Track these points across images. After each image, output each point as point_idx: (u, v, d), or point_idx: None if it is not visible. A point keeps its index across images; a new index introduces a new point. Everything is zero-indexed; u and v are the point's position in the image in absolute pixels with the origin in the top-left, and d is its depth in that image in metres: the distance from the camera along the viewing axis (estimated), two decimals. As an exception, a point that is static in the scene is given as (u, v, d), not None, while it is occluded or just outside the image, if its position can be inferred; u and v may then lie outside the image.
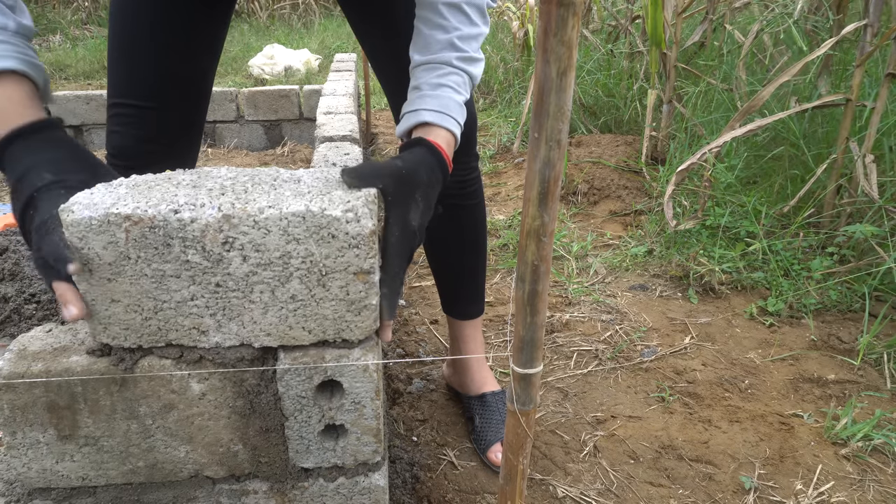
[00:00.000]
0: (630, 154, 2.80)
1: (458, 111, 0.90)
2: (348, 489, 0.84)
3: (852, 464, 1.27)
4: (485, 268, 1.35)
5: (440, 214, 1.15)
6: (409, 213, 0.78)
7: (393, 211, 0.77)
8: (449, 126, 0.88)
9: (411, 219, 0.78)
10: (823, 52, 1.92)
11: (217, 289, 0.70)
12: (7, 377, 0.72)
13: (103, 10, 7.07)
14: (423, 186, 0.81)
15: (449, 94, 0.90)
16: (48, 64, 4.78)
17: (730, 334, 1.72)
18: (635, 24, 3.52)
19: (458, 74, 0.91)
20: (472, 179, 1.21)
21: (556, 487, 1.22)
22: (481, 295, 1.36)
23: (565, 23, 0.52)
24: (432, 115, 0.88)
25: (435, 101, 0.89)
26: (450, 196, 1.20)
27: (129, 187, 0.71)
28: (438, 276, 1.37)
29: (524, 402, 0.72)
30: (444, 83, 0.90)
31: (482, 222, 1.28)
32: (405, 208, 0.77)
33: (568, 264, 2.12)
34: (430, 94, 0.89)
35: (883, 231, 1.76)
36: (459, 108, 0.91)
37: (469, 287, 1.34)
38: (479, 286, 1.35)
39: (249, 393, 0.77)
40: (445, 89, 0.90)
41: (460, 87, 0.91)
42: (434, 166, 0.84)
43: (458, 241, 1.28)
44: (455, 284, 1.35)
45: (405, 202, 0.78)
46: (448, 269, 1.34)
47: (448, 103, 0.89)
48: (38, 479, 0.78)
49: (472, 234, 1.28)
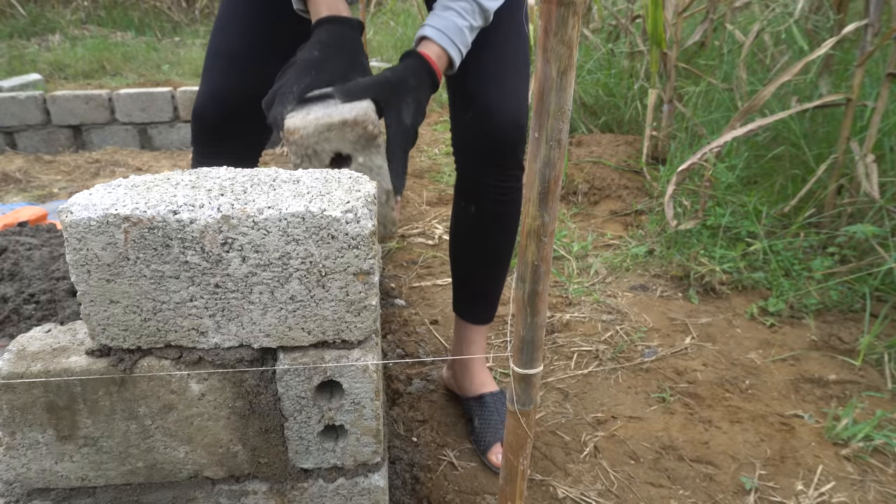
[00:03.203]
0: (630, 154, 2.80)
1: (456, 33, 0.99)
2: (348, 490, 0.84)
3: (853, 464, 1.27)
4: (505, 276, 1.33)
5: (473, 213, 1.23)
6: (402, 114, 0.92)
7: (387, 112, 0.91)
8: (443, 44, 0.99)
9: (404, 117, 0.92)
10: (824, 52, 1.92)
11: (216, 290, 0.70)
12: (6, 377, 0.71)
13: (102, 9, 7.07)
14: (413, 90, 0.94)
15: (452, 16, 0.99)
16: (47, 64, 4.78)
17: (730, 334, 1.72)
18: (636, 24, 3.52)
19: (466, 1, 0.99)
20: (511, 188, 1.20)
21: (557, 488, 1.21)
22: (496, 302, 1.35)
23: (565, 22, 0.52)
24: (431, 30, 0.99)
25: (438, 20, 0.99)
26: (487, 200, 1.20)
27: (128, 188, 0.71)
28: (459, 275, 1.35)
29: (524, 403, 0.72)
30: (452, 6, 0.99)
31: (513, 232, 1.27)
32: (397, 110, 0.92)
33: (568, 264, 2.12)
34: (437, 15, 1.00)
35: (884, 231, 1.76)
36: (458, 32, 0.99)
37: (485, 291, 1.33)
38: (496, 293, 1.34)
39: (249, 393, 0.77)
40: (451, 12, 0.99)
41: (466, 12, 0.99)
42: (422, 73, 0.96)
43: (486, 245, 1.27)
44: (474, 287, 1.34)
45: (397, 105, 0.92)
46: (470, 272, 1.33)
47: (448, 24, 0.99)
48: (37, 479, 0.78)
49: (501, 241, 1.27)
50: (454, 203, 1.29)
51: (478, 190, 1.20)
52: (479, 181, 1.19)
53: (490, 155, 1.15)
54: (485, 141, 1.13)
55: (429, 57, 0.97)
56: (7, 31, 6.12)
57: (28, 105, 3.35)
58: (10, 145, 3.43)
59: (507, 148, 1.14)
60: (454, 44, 0.99)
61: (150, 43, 5.88)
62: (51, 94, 3.39)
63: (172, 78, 4.51)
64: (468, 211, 1.23)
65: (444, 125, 3.88)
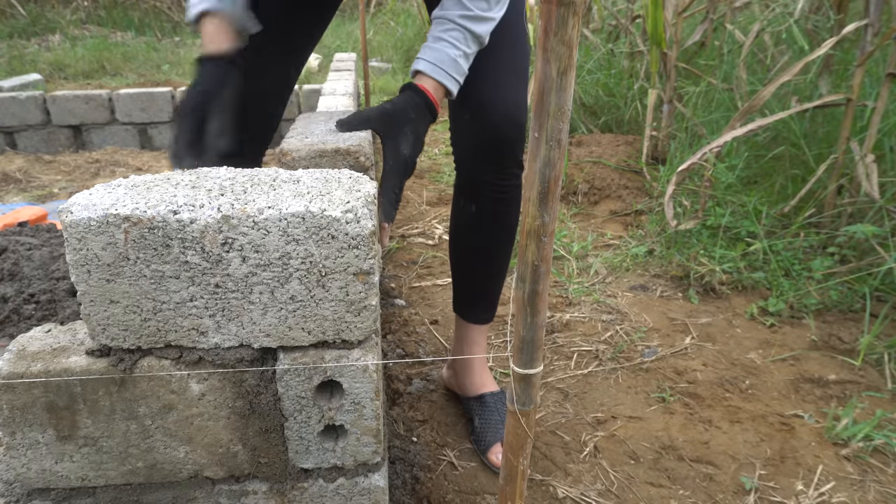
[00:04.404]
0: (630, 154, 2.80)
1: (450, 65, 1.00)
2: (348, 490, 0.84)
3: (853, 464, 1.27)
4: (505, 275, 1.33)
5: (473, 212, 1.25)
6: (401, 145, 0.94)
7: (386, 143, 0.94)
8: (438, 77, 1.00)
9: (402, 149, 0.94)
10: (824, 52, 1.92)
11: (216, 290, 0.70)
12: (6, 377, 0.71)
13: (102, 9, 7.07)
14: (411, 122, 0.96)
15: (444, 47, 1.00)
16: (47, 64, 4.77)
17: (730, 334, 1.72)
18: (636, 24, 3.52)
19: (458, 30, 1.00)
20: (510, 186, 1.21)
21: (557, 488, 1.21)
22: (496, 302, 1.35)
23: (565, 22, 0.52)
24: (425, 65, 1.00)
25: (431, 53, 1.00)
26: (486, 199, 1.21)
27: (128, 188, 0.71)
28: (459, 275, 1.36)
29: (524, 403, 0.72)
30: (443, 37, 1.00)
31: (512, 231, 1.28)
32: (396, 141, 0.94)
33: (568, 264, 2.12)
34: (429, 47, 1.01)
35: (884, 231, 1.76)
36: (452, 63, 1.00)
37: (485, 290, 1.33)
38: (497, 293, 1.34)
39: (249, 393, 0.77)
40: (442, 43, 1.00)
41: (459, 42, 1.00)
42: (420, 105, 0.98)
43: (486, 244, 1.27)
44: (474, 287, 1.34)
45: (395, 136, 0.94)
46: (471, 271, 1.33)
47: (441, 57, 1.00)
48: (37, 479, 0.78)
49: (501, 239, 1.27)
50: (453, 202, 1.30)
51: (477, 189, 1.21)
52: (477, 180, 1.20)
53: (488, 153, 1.16)
54: (482, 139, 1.14)
55: (426, 90, 0.99)
56: (7, 31, 6.12)
57: (28, 105, 3.35)
58: (10, 145, 3.43)
59: (505, 145, 1.14)
60: (449, 75, 1.00)
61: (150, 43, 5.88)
62: (51, 94, 3.39)
63: (172, 78, 4.51)
64: (468, 210, 1.24)
65: (444, 125, 3.88)
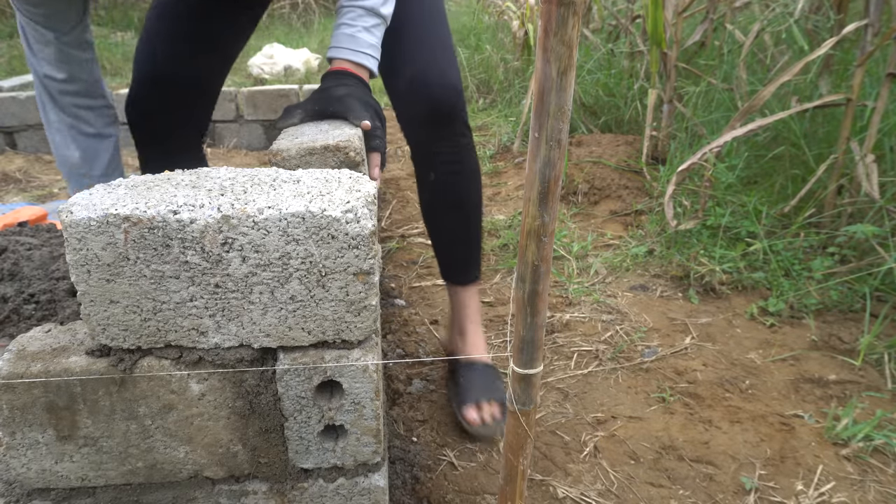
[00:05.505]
0: (630, 154, 2.80)
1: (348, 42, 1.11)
2: (348, 490, 0.84)
3: (853, 464, 1.27)
4: (479, 235, 1.40)
5: (433, 181, 1.33)
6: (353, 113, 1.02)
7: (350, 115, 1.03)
8: (346, 56, 1.10)
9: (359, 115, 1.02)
10: (824, 52, 1.91)
11: (216, 290, 0.70)
12: (6, 377, 0.71)
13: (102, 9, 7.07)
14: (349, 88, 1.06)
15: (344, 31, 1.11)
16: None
17: (730, 334, 1.72)
18: (636, 24, 3.52)
19: (352, 10, 1.11)
20: (463, 147, 1.29)
21: (557, 488, 1.21)
22: (476, 261, 1.42)
23: (566, 22, 0.52)
24: (335, 51, 1.11)
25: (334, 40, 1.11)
26: (443, 163, 1.28)
27: (128, 188, 0.71)
28: (435, 241, 1.43)
29: (524, 403, 0.72)
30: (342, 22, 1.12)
31: (476, 190, 1.35)
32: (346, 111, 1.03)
33: (568, 264, 2.12)
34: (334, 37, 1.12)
35: (884, 231, 1.76)
36: (350, 39, 1.11)
37: (463, 253, 1.40)
38: (473, 252, 1.40)
39: (249, 393, 0.77)
40: (343, 27, 1.11)
41: (355, 20, 1.11)
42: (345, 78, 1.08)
43: (451, 207, 1.35)
44: (450, 249, 1.41)
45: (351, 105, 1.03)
46: (443, 235, 1.40)
47: (341, 39, 1.11)
48: (37, 479, 0.78)
49: (466, 199, 1.35)
50: (416, 176, 1.35)
51: (430, 155, 1.28)
52: (429, 147, 1.27)
53: (430, 118, 1.22)
54: (422, 107, 1.21)
55: (343, 67, 1.09)
56: (7, 31, 6.12)
57: (28, 105, 3.35)
58: (10, 145, 3.43)
59: (444, 106, 1.21)
60: (355, 51, 1.10)
61: (150, 43, 5.87)
62: (51, 94, 3.39)
63: (172, 78, 4.50)
64: (428, 178, 1.32)
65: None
